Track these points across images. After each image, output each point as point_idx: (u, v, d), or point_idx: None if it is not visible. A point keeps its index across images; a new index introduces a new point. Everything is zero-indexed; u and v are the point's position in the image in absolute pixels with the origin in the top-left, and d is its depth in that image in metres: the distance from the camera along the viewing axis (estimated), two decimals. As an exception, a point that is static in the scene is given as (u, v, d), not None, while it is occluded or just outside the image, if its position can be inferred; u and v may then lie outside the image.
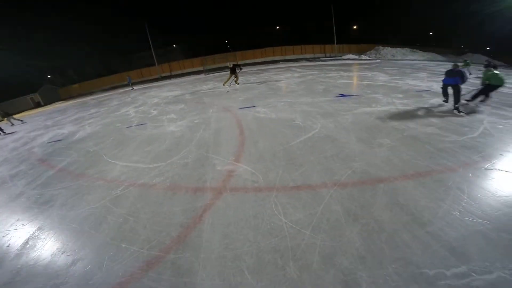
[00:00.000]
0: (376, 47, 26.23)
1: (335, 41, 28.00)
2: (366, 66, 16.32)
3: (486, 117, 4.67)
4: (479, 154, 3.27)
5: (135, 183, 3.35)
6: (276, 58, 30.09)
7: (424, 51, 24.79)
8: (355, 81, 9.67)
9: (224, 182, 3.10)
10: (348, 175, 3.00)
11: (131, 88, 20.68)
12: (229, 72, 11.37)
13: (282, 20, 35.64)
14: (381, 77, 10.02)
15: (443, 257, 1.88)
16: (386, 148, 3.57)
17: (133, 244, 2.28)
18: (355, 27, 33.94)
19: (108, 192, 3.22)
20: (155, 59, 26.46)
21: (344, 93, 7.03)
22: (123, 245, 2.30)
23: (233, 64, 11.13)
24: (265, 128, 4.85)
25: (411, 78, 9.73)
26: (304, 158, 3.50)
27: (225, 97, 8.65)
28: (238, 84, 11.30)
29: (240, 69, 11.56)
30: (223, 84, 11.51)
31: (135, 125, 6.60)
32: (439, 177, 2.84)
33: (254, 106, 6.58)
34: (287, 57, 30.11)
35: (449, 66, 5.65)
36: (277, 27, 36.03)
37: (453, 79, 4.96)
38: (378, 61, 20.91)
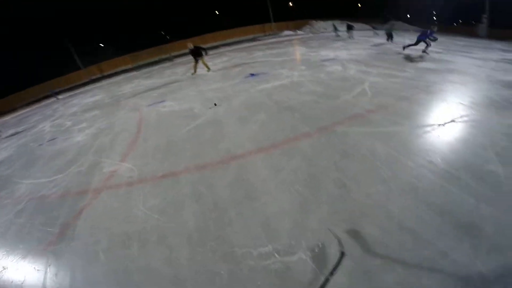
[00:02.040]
0: (310, 21, 27.13)
1: (272, 20, 28.16)
2: (296, 41, 16.86)
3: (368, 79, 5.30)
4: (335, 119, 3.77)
5: (35, 196, 3.50)
6: (217, 43, 29.23)
7: (353, 22, 26.44)
8: (272, 58, 9.97)
9: (104, 182, 3.28)
10: (212, 157, 3.21)
11: (56, 99, 18.33)
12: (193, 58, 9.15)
13: (222, 4, 34.24)
14: (300, 51, 10.51)
15: (256, 236, 2.07)
16: (259, 124, 3.87)
17: (30, 244, 2.63)
18: (291, 4, 34.45)
19: (13, 208, 3.39)
20: (78, 62, 23.66)
21: (254, 73, 7.24)
22: (21, 246, 2.65)
23: (194, 47, 8.76)
24: (162, 122, 4.83)
25: (326, 49, 10.39)
26: (181, 146, 3.63)
27: (140, 97, 8.22)
28: (209, 70, 9.08)
29: (206, 53, 8.98)
30: (192, 74, 9.30)
31: (46, 142, 6.14)
32: (290, 147, 3.22)
33: (162, 101, 6.40)
34: (229, 41, 29.47)
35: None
36: (217, 12, 34.56)
37: None
38: (310, 35, 21.73)
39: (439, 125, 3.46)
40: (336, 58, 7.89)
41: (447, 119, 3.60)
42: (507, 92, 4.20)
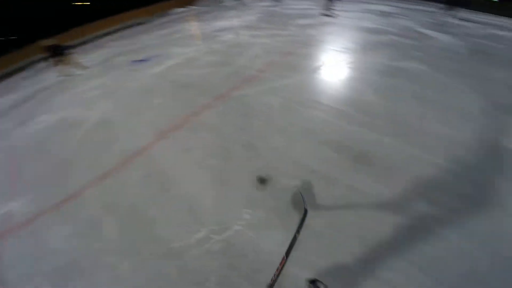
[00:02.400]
0: (200, -7, 25.63)
1: (157, -4, 24.98)
2: (188, 17, 15.68)
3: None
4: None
5: None
6: (92, 35, 24.04)
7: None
8: (163, 39, 9.01)
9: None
10: (111, 162, 2.78)
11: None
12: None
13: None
14: (193, 26, 9.87)
15: (186, 224, 1.99)
16: (155, 110, 3.52)
17: None
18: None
19: None
20: None
21: (143, 58, 6.34)
22: None
23: (51, 46, 6.61)
24: (42, 143, 3.73)
25: (219, 19, 10.09)
26: (74, 162, 2.97)
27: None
28: (85, 68, 6.74)
29: (64, 53, 6.53)
30: (62, 76, 6.85)
31: None
32: (192, 123, 3.06)
33: (32, 118, 4.92)
34: (108, 30, 24.71)
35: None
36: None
37: None
38: (204, 8, 20.67)
39: (321, 70, 3.99)
40: (229, 27, 7.79)
41: (327, 64, 4.19)
42: (372, 37, 5.17)
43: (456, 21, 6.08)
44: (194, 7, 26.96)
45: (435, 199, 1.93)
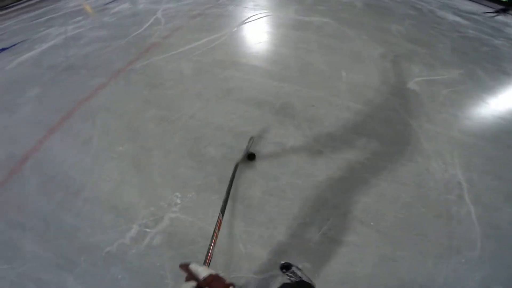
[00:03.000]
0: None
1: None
2: None
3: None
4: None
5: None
6: None
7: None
8: (34, 21, 7.03)
9: None
10: None
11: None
12: None
13: None
14: (75, 2, 7.93)
15: (113, 225, 1.70)
16: (32, 102, 2.74)
17: None
18: None
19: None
20: None
21: (6, 46, 4.80)
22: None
23: None
24: None
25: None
26: None
27: None
28: None
29: None
30: None
31: None
32: (87, 108, 2.51)
33: None
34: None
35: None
36: None
37: None
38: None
39: (234, 29, 3.77)
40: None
41: (239, 23, 3.97)
42: None
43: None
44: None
45: (359, 145, 2.08)
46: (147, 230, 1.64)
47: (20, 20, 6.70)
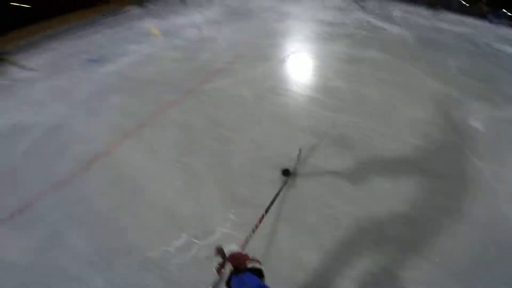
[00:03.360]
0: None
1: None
2: (142, 14, 14.71)
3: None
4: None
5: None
6: (36, 37, 21.05)
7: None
8: (114, 36, 8.28)
9: None
10: (68, 168, 2.40)
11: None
12: None
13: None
14: (148, 23, 9.23)
15: (164, 231, 1.81)
16: (114, 109, 3.18)
17: None
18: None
19: None
20: None
21: (94, 59, 5.72)
22: None
23: None
24: None
25: (179, 15, 9.63)
26: (21, 173, 2.49)
27: None
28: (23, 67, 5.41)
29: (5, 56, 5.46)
30: None
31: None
32: (159, 121, 2.83)
33: None
34: (55, 31, 21.90)
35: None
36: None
37: None
38: (158, 6, 19.54)
39: (286, 59, 4.02)
40: (190, 23, 7.45)
41: (291, 53, 4.24)
42: (328, 28, 5.35)
43: (400, 14, 6.70)
44: (149, 4, 25.41)
45: (423, 181, 1.99)
46: (196, 241, 1.69)
47: (109, 34, 8.01)
